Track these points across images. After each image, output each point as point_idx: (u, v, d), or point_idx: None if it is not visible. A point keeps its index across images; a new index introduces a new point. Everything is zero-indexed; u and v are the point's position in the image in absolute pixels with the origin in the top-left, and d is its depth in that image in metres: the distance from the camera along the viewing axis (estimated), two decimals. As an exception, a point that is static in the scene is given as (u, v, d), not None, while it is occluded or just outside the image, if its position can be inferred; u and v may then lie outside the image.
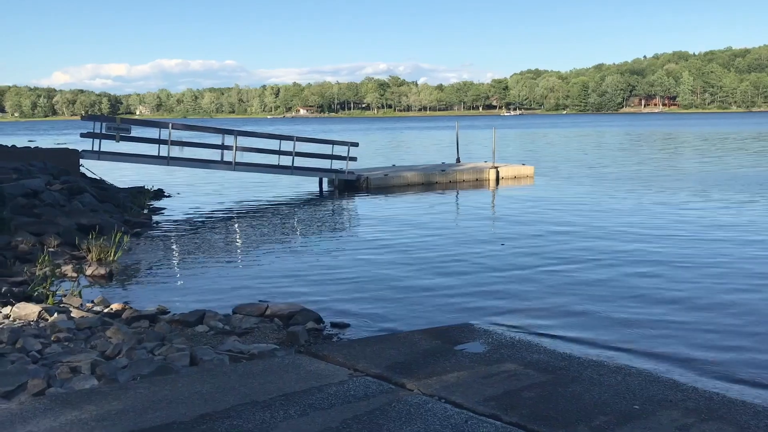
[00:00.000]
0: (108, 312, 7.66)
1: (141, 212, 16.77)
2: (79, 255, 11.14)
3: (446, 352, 5.88)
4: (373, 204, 19.47)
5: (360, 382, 5.00)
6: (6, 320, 6.77)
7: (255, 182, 24.27)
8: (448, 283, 9.78)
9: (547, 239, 13.03)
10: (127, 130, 20.26)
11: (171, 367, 5.29)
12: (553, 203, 18.32)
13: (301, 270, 10.82)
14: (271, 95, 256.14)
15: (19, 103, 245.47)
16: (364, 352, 5.77)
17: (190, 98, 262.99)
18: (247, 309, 8.02)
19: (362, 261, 11.41)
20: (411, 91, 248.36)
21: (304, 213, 18.02)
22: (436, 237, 13.61)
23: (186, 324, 7.24)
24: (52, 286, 8.90)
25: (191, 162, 21.79)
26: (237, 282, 10.10)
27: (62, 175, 17.04)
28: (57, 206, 13.62)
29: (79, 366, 5.23)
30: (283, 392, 4.73)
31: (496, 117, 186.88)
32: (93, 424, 4.14)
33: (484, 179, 24.45)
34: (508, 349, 6.00)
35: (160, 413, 4.32)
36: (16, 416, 4.26)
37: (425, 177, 23.77)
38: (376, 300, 8.93)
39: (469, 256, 11.61)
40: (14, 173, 15.65)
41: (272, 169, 22.45)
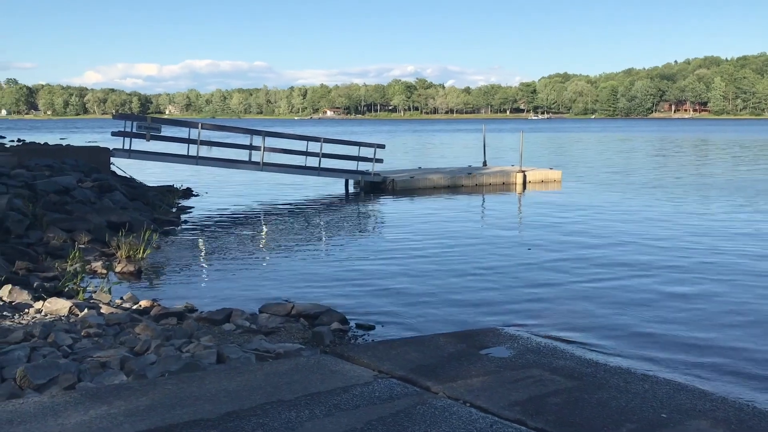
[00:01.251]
0: (137, 309, 7.77)
1: (170, 211, 16.96)
2: (108, 252, 11.30)
3: (471, 355, 5.86)
4: (399, 206, 19.48)
5: (385, 383, 5.01)
6: (38, 315, 6.90)
7: (282, 182, 24.42)
8: (474, 287, 9.75)
9: (574, 244, 12.93)
10: (158, 129, 20.51)
11: (198, 364, 5.35)
12: (581, 208, 18.16)
13: (326, 271, 10.86)
14: (299, 96, 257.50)
15: (51, 101, 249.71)
16: (389, 354, 5.77)
17: (219, 99, 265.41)
18: (273, 308, 8.07)
19: (387, 263, 11.43)
20: (438, 94, 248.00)
21: (330, 214, 18.08)
22: (462, 240, 13.58)
23: (213, 322, 7.31)
24: (83, 282, 9.06)
25: (219, 162, 21.99)
26: (263, 281, 10.18)
27: (93, 173, 17.30)
28: (88, 203, 13.84)
29: (109, 361, 5.31)
30: (308, 392, 4.76)
31: (524, 121, 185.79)
32: (122, 419, 4.20)
33: (511, 183, 24.33)
34: (533, 355, 5.97)
35: (188, 410, 4.37)
36: (48, 409, 4.34)
37: (451, 180, 23.73)
38: (401, 302, 8.93)
39: (494, 260, 11.57)
40: (47, 170, 15.94)
41: (299, 169, 22.58)
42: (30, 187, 13.84)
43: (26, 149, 23.88)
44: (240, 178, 25.32)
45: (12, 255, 9.87)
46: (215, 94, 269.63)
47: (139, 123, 20.63)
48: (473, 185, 23.73)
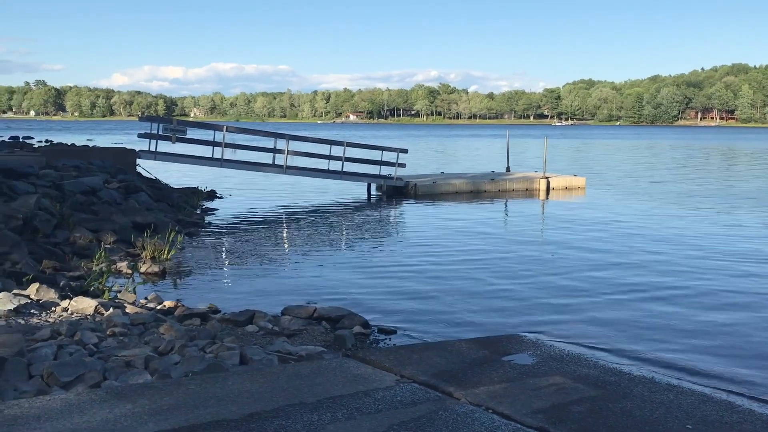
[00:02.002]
0: (161, 309, 7.84)
1: (194, 212, 17.11)
2: (133, 252, 11.43)
3: (494, 362, 5.83)
4: (421, 211, 19.46)
5: (407, 388, 5.00)
6: (64, 313, 6.99)
7: (304, 186, 24.51)
8: (495, 293, 9.71)
9: (597, 252, 12.83)
10: (183, 132, 20.72)
11: (221, 365, 5.39)
12: (605, 215, 18.01)
13: (348, 274, 10.88)
14: (322, 100, 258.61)
15: (79, 103, 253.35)
16: (411, 359, 5.77)
17: (244, 102, 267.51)
18: (296, 311, 8.10)
19: (409, 267, 11.42)
20: (461, 99, 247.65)
21: (352, 218, 18.12)
22: (484, 246, 13.53)
23: (236, 323, 7.36)
24: (108, 282, 9.16)
25: (243, 164, 22.14)
26: (285, 283, 10.22)
27: (119, 174, 17.52)
28: (114, 204, 14.02)
29: (134, 360, 5.37)
30: (330, 395, 4.77)
31: (548, 127, 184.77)
32: (146, 418, 4.24)
33: (534, 189, 24.20)
34: (556, 362, 5.93)
35: (211, 410, 4.40)
36: (74, 406, 4.39)
37: (474, 185, 23.66)
38: (422, 307, 8.92)
39: (517, 267, 11.51)
40: (74, 171, 16.17)
41: (322, 173, 22.66)
42: (57, 188, 14.05)
43: (54, 150, 24.27)
44: (263, 180, 25.47)
45: (39, 254, 10.02)
46: (240, 97, 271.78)
47: (165, 125, 20.87)
48: (496, 191, 23.64)
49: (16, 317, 6.57)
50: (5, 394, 4.60)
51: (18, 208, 11.14)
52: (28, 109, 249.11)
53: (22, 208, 11.13)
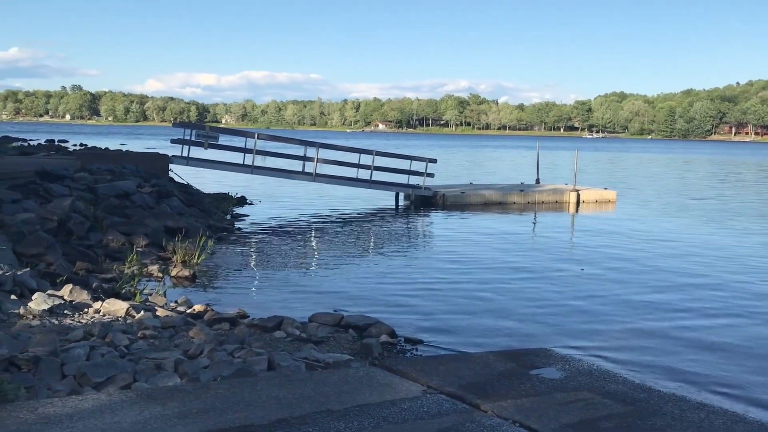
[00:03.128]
0: (191, 313, 7.93)
1: (224, 218, 17.28)
2: (165, 256, 11.58)
3: (521, 375, 5.79)
4: (449, 221, 19.43)
5: (433, 399, 4.99)
6: (97, 314, 7.10)
7: (333, 194, 24.62)
8: (524, 306, 9.65)
9: (628, 266, 12.68)
10: (215, 138, 20.99)
11: (250, 370, 5.43)
12: (636, 230, 17.81)
13: (375, 283, 10.90)
14: (352, 109, 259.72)
15: (113, 107, 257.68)
16: (438, 370, 5.75)
17: (274, 109, 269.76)
18: (323, 318, 8.14)
19: (436, 278, 11.40)
20: (491, 110, 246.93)
21: (380, 226, 18.15)
22: (513, 258, 13.46)
23: (264, 329, 7.41)
24: (139, 285, 9.30)
25: (274, 171, 22.33)
26: (312, 290, 10.27)
27: (152, 179, 17.78)
28: (146, 208, 14.23)
29: (164, 363, 5.44)
30: (357, 403, 4.78)
31: (578, 139, 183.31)
32: (175, 420, 4.29)
33: (564, 202, 24.02)
34: (585, 377, 5.87)
35: (239, 415, 4.44)
36: (105, 407, 4.46)
37: (503, 196, 23.56)
38: (449, 318, 8.90)
39: (545, 279, 11.43)
40: (108, 174, 16.45)
41: (351, 181, 22.74)
42: (92, 191, 14.30)
43: (89, 154, 24.71)
44: (293, 188, 25.64)
45: (73, 255, 10.20)
46: (270, 105, 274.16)
47: (198, 131, 21.15)
48: (525, 203, 23.51)
49: (50, 317, 6.69)
50: (39, 393, 4.68)
51: (53, 210, 11.37)
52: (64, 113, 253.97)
53: (57, 210, 11.35)
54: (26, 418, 4.13)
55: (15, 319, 6.48)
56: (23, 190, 13.08)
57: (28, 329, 6.09)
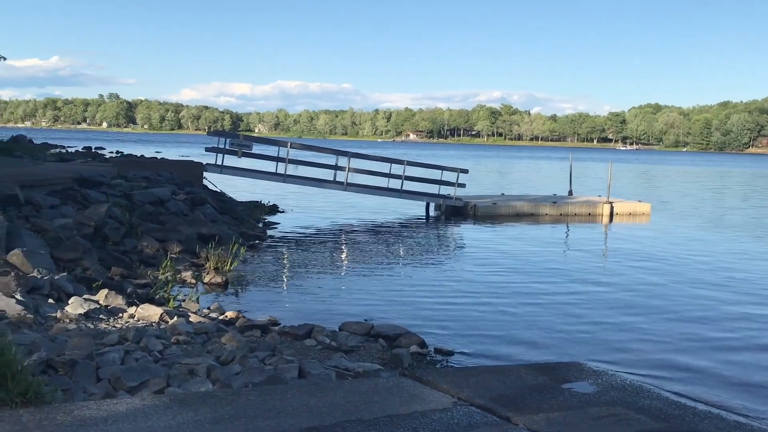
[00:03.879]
0: (223, 319, 8.01)
1: (257, 225, 17.43)
2: (198, 262, 11.73)
3: (553, 389, 5.73)
4: (480, 232, 19.34)
5: (464, 411, 4.96)
6: (131, 319, 7.21)
7: (364, 203, 24.68)
8: (555, 319, 9.55)
9: (662, 281, 12.49)
10: (249, 147, 21.24)
11: (281, 377, 5.46)
12: (670, 243, 17.53)
13: (405, 293, 10.89)
14: (383, 119, 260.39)
15: (149, 116, 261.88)
16: (468, 382, 5.72)
17: (306, 119, 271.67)
18: (353, 327, 8.15)
19: (466, 289, 11.35)
20: (523, 120, 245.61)
21: (410, 236, 18.14)
22: (543, 269, 13.34)
23: (295, 337, 7.45)
24: (173, 291, 9.42)
25: (305, 180, 22.48)
26: (342, 299, 10.31)
27: (186, 186, 18.02)
28: (180, 215, 14.43)
29: (196, 369, 5.50)
30: (387, 413, 4.77)
31: (612, 150, 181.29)
32: (207, 426, 4.32)
33: (597, 214, 23.76)
34: (618, 392, 5.79)
35: (270, 422, 4.46)
36: (139, 411, 4.51)
37: (535, 207, 23.39)
38: (480, 330, 8.85)
39: (577, 292, 11.31)
40: (144, 181, 16.72)
41: (381, 191, 22.79)
42: (127, 197, 14.55)
43: (125, 161, 25.16)
44: (323, 197, 25.76)
45: (108, 261, 10.38)
46: (303, 114, 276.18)
47: (232, 140, 21.42)
48: (557, 214, 23.31)
49: (86, 321, 6.81)
50: (75, 396, 4.77)
51: (90, 215, 11.59)
52: (101, 121, 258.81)
53: (93, 215, 11.57)
54: (63, 420, 4.20)
55: (52, 323, 6.61)
56: (61, 196, 13.37)
57: (65, 332, 6.20)
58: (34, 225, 10.74)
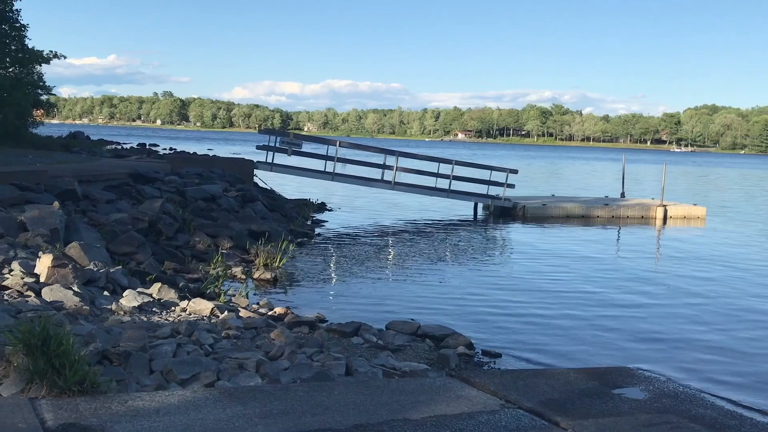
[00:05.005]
0: (272, 315, 8.11)
1: (305, 223, 17.59)
2: (248, 258, 11.90)
3: (603, 394, 5.63)
4: (529, 233, 19.13)
5: (512, 413, 4.92)
6: (183, 313, 7.36)
7: (411, 202, 24.66)
8: (604, 323, 9.39)
9: (716, 286, 12.15)
10: (299, 145, 21.46)
11: (328, 374, 5.50)
12: (726, 249, 17.03)
13: (452, 293, 10.84)
14: (431, 118, 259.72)
15: (201, 114, 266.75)
16: (516, 384, 5.66)
17: (355, 118, 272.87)
18: (400, 326, 8.16)
19: (514, 291, 11.24)
20: (574, 121, 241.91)
21: (458, 236, 18.06)
22: (594, 273, 13.12)
23: (342, 334, 7.50)
24: (223, 286, 9.58)
25: (353, 179, 22.59)
26: (389, 298, 10.32)
27: (238, 183, 18.31)
28: (232, 211, 14.66)
29: (246, 363, 5.58)
30: (434, 413, 4.75)
31: (666, 152, 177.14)
32: (256, 420, 4.38)
33: (650, 217, 23.23)
34: (670, 399, 5.65)
35: (318, 418, 4.49)
36: (190, 403, 4.60)
37: (586, 210, 23.01)
38: (527, 332, 8.75)
39: (628, 296, 11.09)
40: (197, 178, 17.04)
41: (429, 190, 22.74)
42: (181, 193, 14.85)
43: (178, 158, 25.69)
44: (371, 195, 25.83)
45: (162, 255, 10.62)
46: (351, 113, 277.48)
47: (283, 138, 21.67)
48: (609, 217, 22.88)
49: (139, 314, 6.98)
50: (129, 386, 4.89)
51: (144, 210, 11.87)
52: (155, 118, 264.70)
53: (148, 211, 11.85)
54: (117, 410, 4.31)
55: (107, 315, 6.79)
56: (117, 191, 13.73)
57: (120, 324, 6.36)
58: (91, 219, 11.06)
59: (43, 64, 27.31)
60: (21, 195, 11.08)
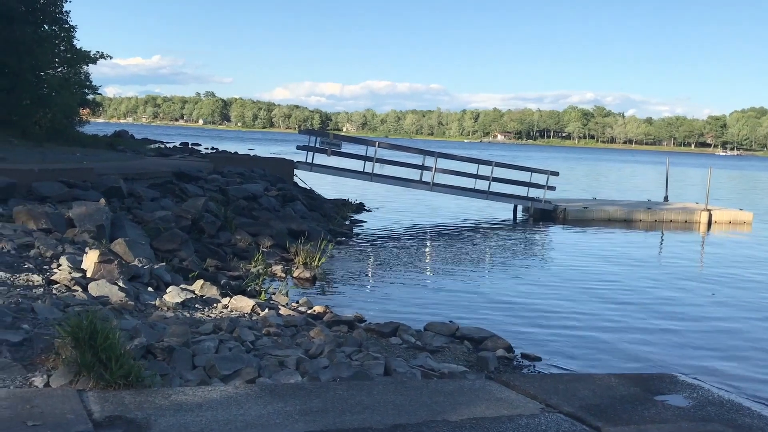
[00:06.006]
0: (311, 313, 8.18)
1: (343, 223, 17.68)
2: (287, 257, 12.01)
3: (645, 400, 5.54)
4: (570, 237, 18.91)
5: (552, 418, 4.87)
6: (224, 310, 7.46)
7: (450, 204, 24.59)
8: (647, 328, 9.23)
9: (760, 293, 11.84)
10: (339, 146, 21.58)
11: (367, 373, 5.52)
12: (774, 255, 16.60)
13: (490, 295, 10.78)
14: (471, 119, 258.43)
15: (242, 114, 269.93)
16: (557, 389, 5.61)
17: (393, 119, 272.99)
18: (438, 327, 8.14)
19: (554, 295, 11.12)
20: (617, 123, 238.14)
21: (497, 239, 17.94)
22: (636, 278, 12.91)
23: (381, 334, 7.52)
24: (264, 283, 9.69)
25: (392, 180, 22.61)
26: (426, 299, 10.31)
27: (278, 183, 18.50)
28: (272, 211, 14.82)
29: (286, 360, 5.63)
30: (473, 416, 4.74)
31: (710, 156, 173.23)
32: (296, 417, 4.42)
33: (694, 221, 22.76)
34: (715, 407, 5.53)
35: (357, 417, 4.51)
36: (232, 399, 4.67)
37: (628, 213, 22.65)
38: (567, 336, 8.66)
39: (671, 302, 10.88)
40: (238, 177, 17.26)
41: (468, 192, 22.63)
42: (223, 192, 15.06)
43: (220, 157, 26.06)
44: (409, 196, 25.82)
45: (204, 253, 10.79)
46: (390, 114, 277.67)
47: (323, 139, 21.82)
48: (652, 221, 22.48)
49: (182, 310, 7.10)
50: (173, 381, 4.97)
51: (188, 208, 12.07)
52: (197, 118, 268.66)
53: (191, 209, 12.05)
54: (161, 403, 4.40)
55: (151, 310, 6.92)
56: (161, 189, 13.98)
57: (163, 320, 6.48)
58: (135, 216, 11.29)
59: (90, 65, 27.95)
60: (69, 192, 11.36)
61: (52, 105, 24.44)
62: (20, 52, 22.39)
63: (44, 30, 25.43)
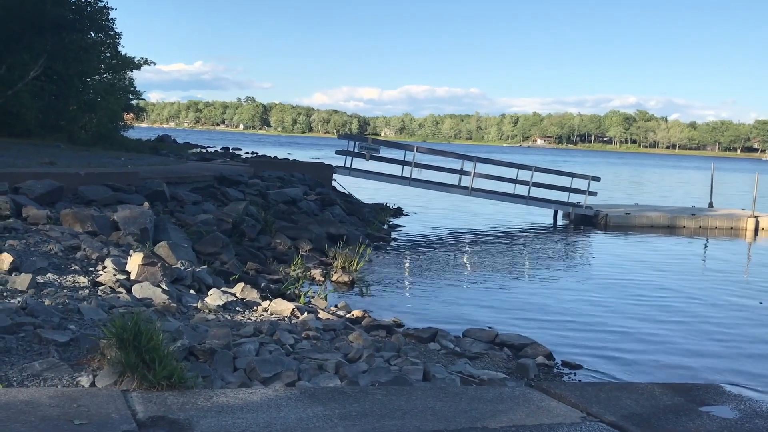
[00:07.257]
0: (350, 317, 8.20)
1: (382, 228, 17.70)
2: (326, 261, 12.08)
3: (689, 411, 5.42)
4: (612, 243, 18.62)
5: (593, 427, 4.80)
6: (265, 313, 7.53)
7: (488, 209, 24.42)
8: (691, 337, 9.04)
9: (815, 303, 11.49)
10: (377, 150, 21.63)
11: (406, 378, 5.51)
12: (825, 263, 16.11)
13: (530, 302, 10.67)
14: (510, 124, 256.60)
15: (282, 119, 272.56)
16: (598, 397, 5.52)
17: (432, 123, 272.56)
18: (477, 333, 8.09)
19: (594, 302, 10.96)
20: (659, 127, 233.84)
21: (537, 244, 17.76)
22: (680, 285, 12.64)
23: (419, 339, 7.50)
24: (303, 287, 9.76)
25: (430, 184, 22.57)
26: (465, 304, 10.25)
27: (317, 187, 18.62)
28: (311, 215, 14.93)
29: (325, 364, 5.66)
30: (513, 423, 4.70)
31: (757, 161, 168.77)
32: (336, 421, 4.44)
33: (740, 228, 22.21)
34: (763, 420, 5.38)
35: (396, 422, 4.51)
36: (272, 402, 4.70)
37: (671, 219, 22.21)
38: (609, 344, 8.52)
39: (716, 311, 10.63)
40: (278, 182, 17.43)
41: (507, 197, 22.46)
42: (263, 196, 15.23)
43: (260, 161, 26.33)
44: (448, 201, 25.74)
45: (244, 256, 10.91)
46: (428, 118, 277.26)
47: (361, 143, 21.90)
48: (696, 227, 22.01)
49: (223, 313, 7.19)
50: (214, 383, 5.04)
51: (229, 212, 12.23)
52: (238, 123, 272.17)
53: (232, 212, 12.20)
54: (203, 405, 4.46)
55: (193, 312, 7.03)
56: (203, 193, 14.20)
57: (205, 322, 6.57)
58: (178, 219, 11.48)
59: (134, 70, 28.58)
60: (113, 195, 11.61)
61: (98, 110, 25.05)
62: (68, 58, 23.01)
63: (91, 37, 26.10)
